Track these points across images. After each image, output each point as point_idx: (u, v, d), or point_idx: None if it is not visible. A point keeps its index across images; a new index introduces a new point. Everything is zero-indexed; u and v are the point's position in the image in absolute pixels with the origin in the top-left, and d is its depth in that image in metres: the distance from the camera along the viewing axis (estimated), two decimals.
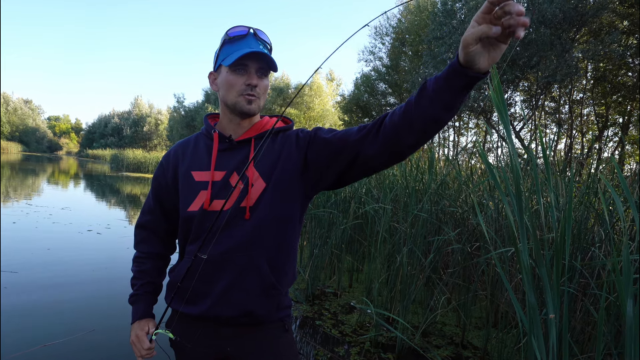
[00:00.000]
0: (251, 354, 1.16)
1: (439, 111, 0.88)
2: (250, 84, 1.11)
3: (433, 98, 0.88)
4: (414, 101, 0.92)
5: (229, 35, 1.13)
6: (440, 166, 5.03)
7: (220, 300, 1.11)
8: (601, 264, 2.30)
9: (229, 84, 1.13)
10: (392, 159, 1.02)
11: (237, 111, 1.15)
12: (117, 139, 60.58)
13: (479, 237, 3.41)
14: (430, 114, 0.89)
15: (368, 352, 2.93)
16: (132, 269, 1.29)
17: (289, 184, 1.15)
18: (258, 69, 1.12)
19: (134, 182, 18.49)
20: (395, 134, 0.96)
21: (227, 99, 1.14)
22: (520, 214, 1.25)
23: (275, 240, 1.14)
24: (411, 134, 0.94)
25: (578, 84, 12.57)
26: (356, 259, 4.67)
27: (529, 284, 1.29)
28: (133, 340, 1.19)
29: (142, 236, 1.31)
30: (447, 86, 0.85)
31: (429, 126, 0.92)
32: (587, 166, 3.10)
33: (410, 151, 0.99)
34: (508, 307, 2.96)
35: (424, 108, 0.90)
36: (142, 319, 1.22)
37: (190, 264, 1.11)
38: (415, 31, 18.74)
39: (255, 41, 1.13)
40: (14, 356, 2.58)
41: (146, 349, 1.16)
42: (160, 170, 1.26)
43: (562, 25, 10.24)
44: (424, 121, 0.91)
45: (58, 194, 12.07)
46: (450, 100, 0.86)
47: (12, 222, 6.69)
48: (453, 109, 0.88)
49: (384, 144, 0.99)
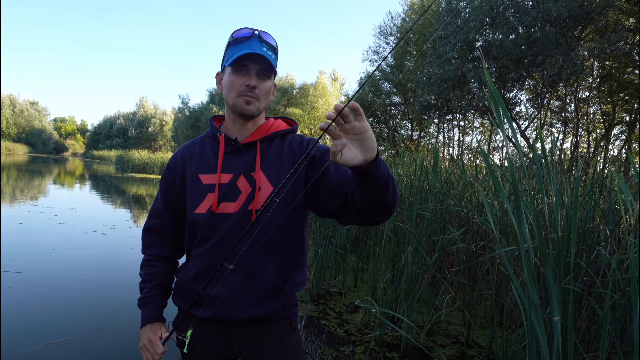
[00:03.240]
0: (258, 352, 1.17)
1: (369, 199, 0.96)
2: (249, 84, 1.11)
3: (357, 195, 0.98)
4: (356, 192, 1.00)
5: (233, 37, 1.13)
6: (445, 166, 5.02)
7: (228, 304, 1.12)
8: (606, 262, 2.29)
9: (230, 84, 1.13)
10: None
11: (236, 112, 1.15)
12: (122, 140, 60.90)
13: (484, 236, 3.40)
14: (366, 203, 0.98)
15: (373, 351, 2.93)
16: (141, 273, 1.27)
17: (295, 188, 1.15)
18: (259, 70, 1.12)
19: (139, 183, 18.59)
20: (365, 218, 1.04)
21: (228, 99, 1.15)
22: (518, 214, 1.25)
23: (282, 244, 1.14)
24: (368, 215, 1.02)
25: (584, 83, 12.49)
26: (361, 259, 4.66)
27: (530, 283, 1.29)
28: (145, 344, 1.15)
29: (150, 240, 1.29)
30: (358, 190, 0.95)
31: (372, 212, 1.00)
32: (592, 165, 3.08)
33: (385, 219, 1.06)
34: (513, 306, 2.95)
35: (359, 200, 0.99)
36: (154, 322, 1.20)
37: (202, 267, 1.12)
38: (419, 30, 18.71)
39: (259, 43, 1.12)
40: (20, 353, 2.61)
41: (160, 353, 1.14)
42: (168, 172, 1.25)
43: (567, 23, 10.18)
44: (365, 210, 1.00)
45: (64, 195, 12.15)
46: (368, 194, 0.94)
47: (18, 223, 6.75)
48: (377, 198, 0.95)
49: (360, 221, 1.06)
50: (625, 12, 10.27)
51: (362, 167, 0.86)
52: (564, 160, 4.37)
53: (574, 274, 2.27)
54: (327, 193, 1.08)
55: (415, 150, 6.15)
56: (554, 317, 1.32)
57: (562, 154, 11.55)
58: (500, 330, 3.05)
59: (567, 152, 12.66)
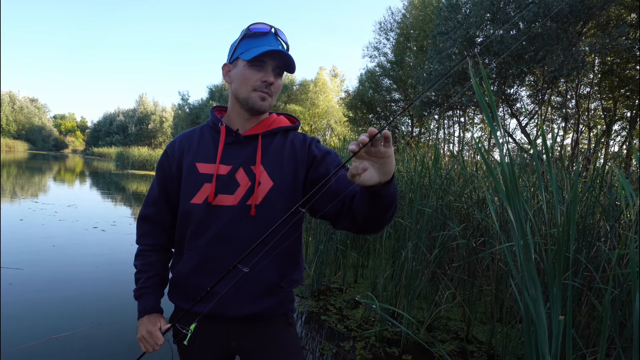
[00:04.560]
0: (255, 348, 1.16)
1: (371, 214, 0.98)
2: (267, 80, 1.10)
3: (361, 208, 0.99)
4: (356, 203, 1.01)
5: (250, 30, 1.12)
6: (446, 162, 5.02)
7: (225, 300, 1.10)
8: (606, 258, 2.29)
9: (244, 78, 1.11)
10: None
11: (248, 106, 1.14)
12: (122, 137, 60.94)
13: (484, 232, 3.40)
14: (368, 216, 0.99)
15: (373, 347, 2.94)
16: (136, 264, 1.23)
17: (294, 186, 1.15)
18: (275, 67, 1.12)
19: (139, 180, 18.59)
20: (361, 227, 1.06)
21: (240, 93, 1.13)
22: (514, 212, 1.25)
23: (280, 241, 1.12)
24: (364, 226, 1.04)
25: (585, 78, 12.45)
26: (361, 255, 4.67)
27: (528, 279, 1.29)
28: (144, 335, 1.13)
29: (145, 229, 1.24)
30: (363, 203, 0.96)
31: (370, 224, 1.02)
32: (593, 161, 3.08)
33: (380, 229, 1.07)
34: (513, 302, 2.95)
35: (361, 212, 1.00)
36: (152, 313, 1.17)
37: (198, 261, 1.11)
38: (420, 26, 18.64)
39: (276, 40, 1.12)
40: (20, 348, 2.62)
41: (160, 344, 1.12)
42: (165, 159, 1.22)
43: (568, 18, 10.14)
44: (364, 221, 1.01)
45: (64, 192, 12.16)
46: (372, 209, 0.96)
47: (19, 219, 6.76)
48: (380, 213, 0.97)
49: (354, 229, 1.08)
50: (626, 7, 10.23)
51: (376, 187, 0.86)
52: (564, 156, 4.37)
53: (573, 270, 2.28)
54: (325, 197, 1.07)
55: (415, 146, 6.14)
56: (559, 317, 1.32)
57: (563, 150, 11.54)
58: (500, 326, 3.06)
59: (567, 148, 12.65)
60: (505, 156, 1.23)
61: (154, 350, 1.13)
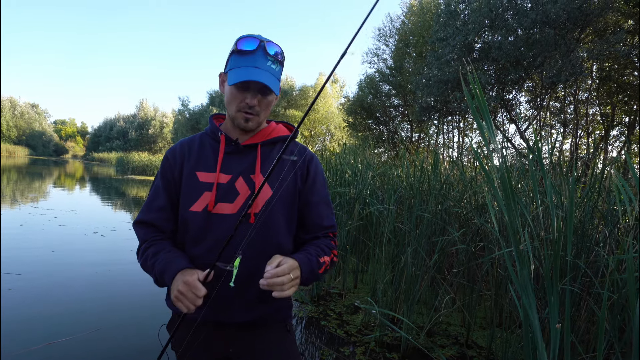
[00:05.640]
0: (253, 355, 1.17)
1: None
2: (248, 104, 1.11)
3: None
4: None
5: (237, 47, 1.10)
6: (445, 167, 5.03)
7: (222, 307, 1.10)
8: (605, 263, 2.29)
9: (230, 97, 1.13)
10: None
11: (235, 124, 1.17)
12: (122, 142, 60.88)
13: (483, 237, 3.41)
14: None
15: (373, 352, 2.94)
16: (147, 253, 1.14)
17: (292, 197, 1.16)
18: (260, 88, 1.11)
19: (139, 185, 18.58)
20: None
21: (228, 110, 1.16)
22: (510, 216, 1.26)
23: (278, 249, 1.13)
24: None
25: (583, 84, 12.49)
26: (361, 260, 4.67)
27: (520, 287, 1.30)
28: (181, 290, 0.99)
29: (150, 234, 1.18)
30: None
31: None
32: (592, 166, 3.10)
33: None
34: (512, 307, 2.95)
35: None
36: (185, 269, 1.06)
37: (199, 269, 1.07)
38: (418, 33, 18.72)
39: (264, 57, 1.09)
40: (20, 353, 2.61)
41: (201, 296, 0.98)
42: (168, 165, 1.20)
43: (566, 25, 10.19)
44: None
45: (64, 197, 12.15)
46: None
47: (19, 225, 6.76)
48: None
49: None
50: (624, 13, 10.29)
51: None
52: (562, 161, 4.38)
53: (572, 275, 2.28)
54: (299, 219, 1.23)
55: (415, 151, 6.15)
56: (556, 325, 1.32)
57: (562, 156, 11.56)
58: (500, 331, 3.06)
59: (566, 153, 12.66)
60: (502, 163, 1.24)
61: (195, 306, 0.99)
